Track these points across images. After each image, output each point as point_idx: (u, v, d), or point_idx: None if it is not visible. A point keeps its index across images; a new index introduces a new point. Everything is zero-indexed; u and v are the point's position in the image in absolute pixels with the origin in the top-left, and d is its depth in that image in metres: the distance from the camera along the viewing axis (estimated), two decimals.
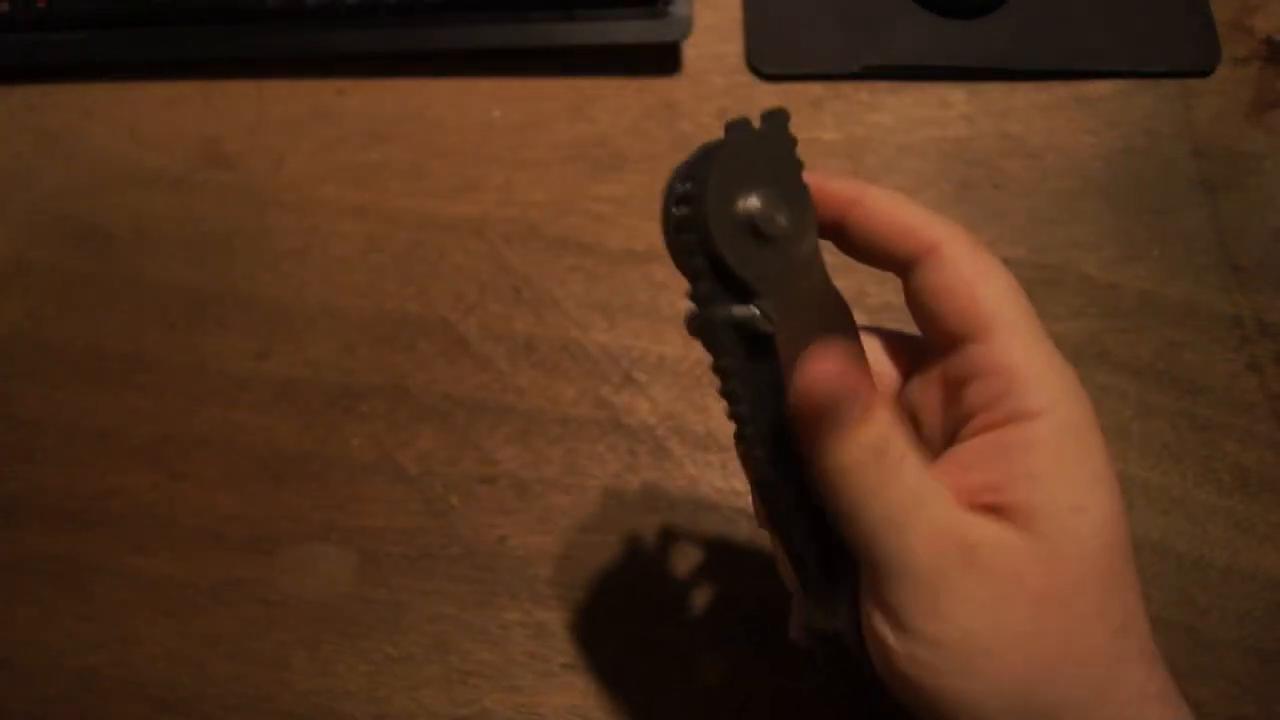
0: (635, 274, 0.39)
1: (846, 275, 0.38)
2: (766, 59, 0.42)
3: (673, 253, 0.21)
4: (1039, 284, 0.39)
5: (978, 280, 0.22)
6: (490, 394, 0.38)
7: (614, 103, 0.42)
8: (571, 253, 0.40)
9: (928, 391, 0.23)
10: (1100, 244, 0.39)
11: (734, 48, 0.42)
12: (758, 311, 0.20)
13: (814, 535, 0.22)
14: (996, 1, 0.42)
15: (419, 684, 0.35)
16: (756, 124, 0.20)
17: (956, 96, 0.42)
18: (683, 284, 0.39)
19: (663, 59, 0.42)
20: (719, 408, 0.37)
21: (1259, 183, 0.40)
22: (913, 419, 0.24)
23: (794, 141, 0.21)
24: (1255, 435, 0.37)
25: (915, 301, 0.23)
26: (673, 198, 0.20)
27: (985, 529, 0.21)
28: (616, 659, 0.35)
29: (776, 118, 0.21)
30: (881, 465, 0.20)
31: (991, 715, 0.20)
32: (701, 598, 0.35)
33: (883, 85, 0.42)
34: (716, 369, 0.21)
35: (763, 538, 0.36)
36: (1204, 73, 0.41)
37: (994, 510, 0.21)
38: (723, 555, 0.36)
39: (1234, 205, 0.40)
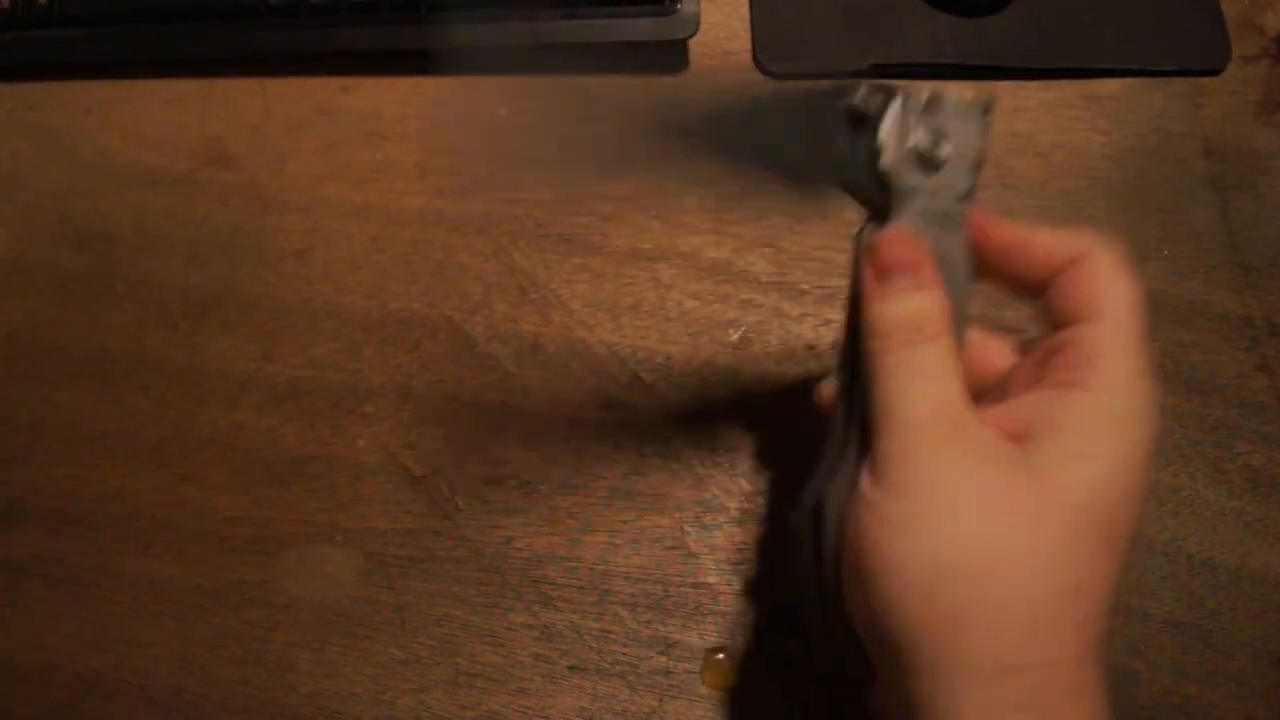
0: (642, 273, 0.39)
1: None
2: (774, 57, 0.42)
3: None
4: None
5: (1111, 280, 0.24)
6: (496, 394, 0.38)
7: (620, 101, 0.42)
8: (578, 252, 0.39)
9: (1026, 362, 0.26)
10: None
11: (741, 46, 0.42)
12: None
13: (851, 406, 0.25)
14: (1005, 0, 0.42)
15: (425, 686, 0.34)
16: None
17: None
18: (687, 285, 0.39)
19: (670, 57, 0.42)
20: (725, 409, 0.37)
21: (1269, 182, 0.40)
22: (1007, 380, 0.26)
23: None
24: (1266, 436, 0.37)
25: (1058, 284, 0.25)
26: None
27: (984, 430, 0.23)
28: (623, 661, 0.34)
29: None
30: (916, 332, 0.23)
31: (910, 584, 0.21)
32: (708, 599, 0.35)
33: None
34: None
35: (767, 539, 0.36)
36: (1214, 71, 0.41)
37: (1014, 437, 0.23)
38: (729, 557, 0.35)
39: (1244, 204, 0.39)
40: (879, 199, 0.25)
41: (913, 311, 0.23)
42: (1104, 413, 0.23)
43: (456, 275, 0.39)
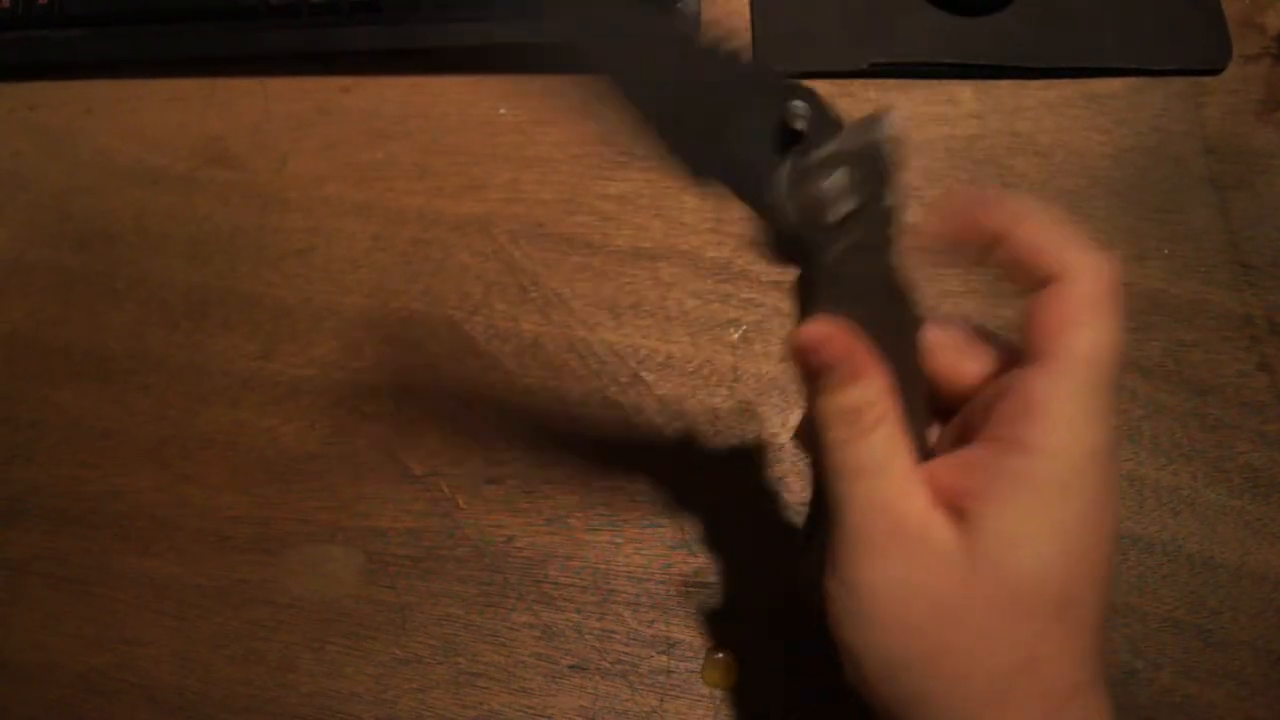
0: (643, 272, 0.39)
1: None
2: (774, 56, 0.42)
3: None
4: None
5: (1080, 317, 0.22)
6: (497, 393, 0.38)
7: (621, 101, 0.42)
8: (578, 251, 0.39)
9: (981, 398, 0.24)
10: (1110, 242, 0.39)
11: (742, 45, 0.42)
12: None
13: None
14: None
15: (426, 686, 0.34)
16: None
17: (965, 94, 0.41)
18: (687, 284, 0.39)
19: None
20: (726, 407, 0.37)
21: (1269, 181, 0.40)
22: (974, 410, 0.25)
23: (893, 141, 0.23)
24: (1265, 435, 0.37)
25: (1032, 303, 0.23)
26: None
27: (925, 519, 0.22)
28: (624, 660, 0.34)
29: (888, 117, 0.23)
30: (852, 427, 0.23)
31: (870, 671, 0.23)
32: (710, 598, 0.35)
33: (891, 83, 0.42)
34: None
35: (769, 539, 0.36)
36: (1214, 70, 0.41)
37: (957, 512, 0.22)
38: (730, 555, 0.35)
39: (1244, 204, 0.39)
40: (797, 249, 0.24)
41: (849, 404, 0.23)
42: (1048, 481, 0.21)
43: (457, 274, 0.39)
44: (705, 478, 0.36)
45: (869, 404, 0.23)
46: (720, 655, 0.34)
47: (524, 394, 0.38)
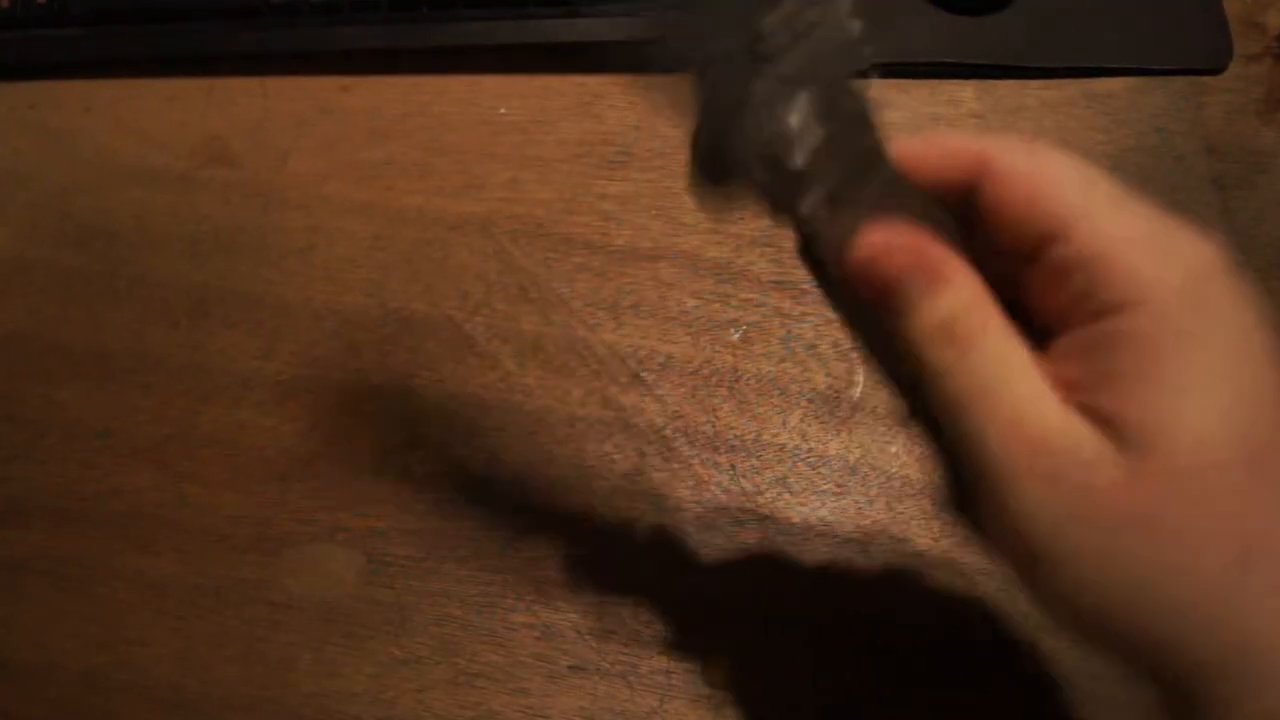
0: (643, 273, 0.39)
1: None
2: None
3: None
4: None
5: (1035, 178, 0.19)
6: (497, 393, 0.38)
7: (621, 100, 0.42)
8: (578, 251, 0.39)
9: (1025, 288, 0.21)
10: None
11: None
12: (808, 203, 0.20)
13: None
14: None
15: (425, 686, 0.34)
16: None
17: (966, 94, 0.41)
18: (687, 284, 0.39)
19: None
20: (726, 408, 0.37)
21: (1271, 181, 0.40)
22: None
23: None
24: None
25: (983, 222, 0.20)
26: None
27: (1065, 427, 0.18)
28: (623, 661, 0.34)
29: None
30: (953, 342, 0.19)
31: (1081, 627, 0.18)
32: (709, 599, 0.35)
33: (892, 83, 0.41)
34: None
35: (769, 536, 0.36)
36: (1216, 70, 0.41)
37: (1083, 411, 0.18)
38: (730, 555, 0.35)
39: (1246, 203, 0.39)
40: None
41: (938, 319, 0.19)
42: (1165, 340, 0.18)
43: (457, 274, 0.39)
44: (703, 478, 0.36)
45: (964, 310, 0.19)
46: (723, 655, 0.34)
47: (524, 394, 0.37)
